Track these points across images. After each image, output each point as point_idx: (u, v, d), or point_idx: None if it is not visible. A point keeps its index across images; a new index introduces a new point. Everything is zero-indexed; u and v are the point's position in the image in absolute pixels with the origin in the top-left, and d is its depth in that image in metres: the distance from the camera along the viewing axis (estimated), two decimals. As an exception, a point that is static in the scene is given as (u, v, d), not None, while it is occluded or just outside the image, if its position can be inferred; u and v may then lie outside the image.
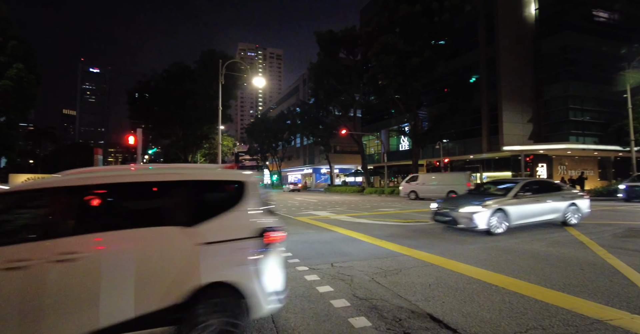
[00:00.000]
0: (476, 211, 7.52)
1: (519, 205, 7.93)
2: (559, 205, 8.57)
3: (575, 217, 8.85)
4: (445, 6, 24.48)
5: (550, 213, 8.44)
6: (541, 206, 8.31)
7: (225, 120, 28.90)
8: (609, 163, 33.80)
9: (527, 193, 8.26)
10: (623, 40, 32.21)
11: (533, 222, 8.23)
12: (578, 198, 8.99)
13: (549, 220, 8.49)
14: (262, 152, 63.95)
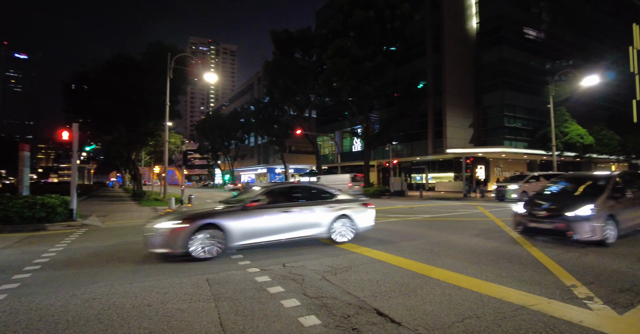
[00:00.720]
0: None
1: (238, 219, 5.82)
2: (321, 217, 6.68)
3: (348, 233, 6.99)
4: (396, 14, 25.56)
5: (305, 229, 6.49)
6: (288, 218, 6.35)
7: (173, 116, 27.42)
8: (536, 166, 37.62)
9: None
10: (548, 57, 36.15)
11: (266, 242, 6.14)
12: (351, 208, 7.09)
13: (303, 237, 6.53)
14: (213, 150, 61.78)
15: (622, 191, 6.87)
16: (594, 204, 6.22)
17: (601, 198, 6.43)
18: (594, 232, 6.00)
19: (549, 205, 6.91)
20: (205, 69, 18.85)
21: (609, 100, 42.14)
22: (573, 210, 6.26)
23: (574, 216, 6.19)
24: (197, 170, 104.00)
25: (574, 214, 6.21)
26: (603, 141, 31.70)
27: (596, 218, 6.05)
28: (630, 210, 6.88)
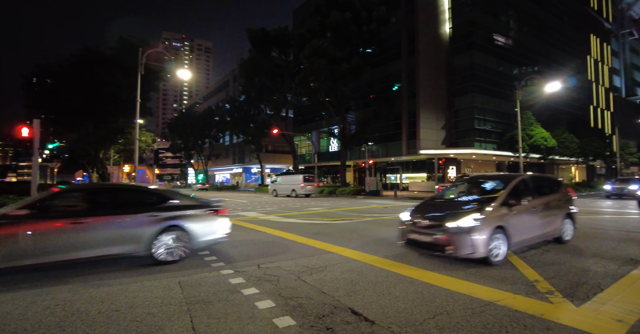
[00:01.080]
0: None
1: None
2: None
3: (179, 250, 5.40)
4: (373, 16, 25.92)
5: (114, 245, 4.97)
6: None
7: (144, 113, 26.47)
8: (504, 167, 39.31)
9: None
10: (515, 63, 37.86)
11: None
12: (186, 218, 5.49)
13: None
14: (186, 149, 60.13)
15: (518, 198, 5.58)
16: (480, 213, 5.03)
17: (491, 206, 5.21)
18: (475, 248, 4.81)
19: (434, 212, 5.60)
20: (178, 66, 18.38)
21: (569, 106, 44.69)
22: (455, 220, 5.02)
23: (456, 228, 4.94)
24: (169, 169, 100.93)
25: (455, 225, 4.96)
26: (564, 144, 33.61)
27: (479, 230, 4.86)
28: (525, 220, 5.70)
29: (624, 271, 4.74)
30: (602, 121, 52.51)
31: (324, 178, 46.78)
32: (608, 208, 14.84)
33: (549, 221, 6.24)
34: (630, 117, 55.04)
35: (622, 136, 43.96)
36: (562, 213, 6.63)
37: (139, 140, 17.97)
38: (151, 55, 19.09)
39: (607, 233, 7.99)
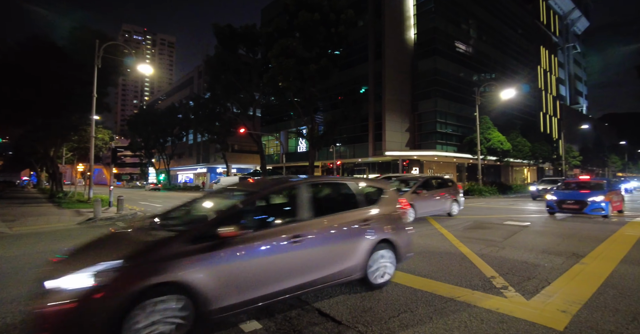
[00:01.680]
0: None
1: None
2: None
3: None
4: (341, 18, 26.21)
5: None
6: None
7: (101, 109, 24.89)
8: (463, 168, 41.31)
9: None
10: (475, 70, 39.91)
11: None
12: None
13: None
14: (147, 147, 57.44)
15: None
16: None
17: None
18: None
19: None
20: (139, 60, 17.45)
21: (523, 112, 47.88)
22: None
23: None
24: (128, 168, 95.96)
25: None
26: (518, 147, 35.90)
27: None
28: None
29: (567, 265, 5.15)
30: (550, 127, 56.79)
31: (291, 178, 46.56)
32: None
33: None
34: (573, 123, 59.97)
35: (567, 141, 47.76)
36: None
37: (95, 137, 16.93)
38: (109, 48, 18.04)
39: (554, 231, 8.65)
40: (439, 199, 11.33)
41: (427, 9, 35.25)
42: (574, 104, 78.19)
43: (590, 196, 10.72)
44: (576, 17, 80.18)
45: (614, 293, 3.91)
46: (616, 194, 11.97)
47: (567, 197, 11.27)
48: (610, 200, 10.79)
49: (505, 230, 8.77)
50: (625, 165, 74.70)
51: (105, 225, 10.59)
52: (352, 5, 30.81)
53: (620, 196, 12.43)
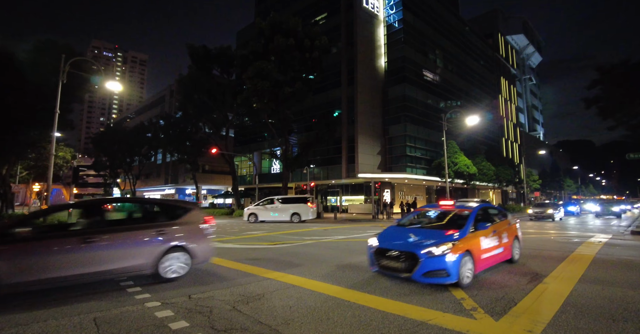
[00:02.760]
0: None
1: None
2: None
3: None
4: (315, 44, 27.08)
5: None
6: None
7: (64, 126, 23.72)
8: (433, 191, 42.49)
9: None
10: (442, 97, 42.09)
11: None
12: None
13: None
14: (112, 167, 54.82)
15: None
16: None
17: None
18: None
19: None
20: (108, 77, 16.99)
21: (486, 137, 50.62)
22: None
23: None
24: (90, 189, 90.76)
25: None
26: (483, 171, 37.62)
27: None
28: None
29: (532, 285, 5.33)
30: (512, 152, 60.21)
31: (264, 200, 45.86)
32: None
33: None
34: (532, 149, 63.99)
35: (527, 165, 50.72)
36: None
37: (55, 155, 16.01)
38: (76, 64, 17.49)
39: (522, 251, 8.97)
40: None
41: (397, 39, 37.26)
42: (532, 131, 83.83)
43: (425, 245, 5.18)
44: (530, 52, 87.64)
45: (575, 312, 4.06)
46: (505, 230, 6.67)
47: (394, 245, 5.62)
48: (474, 248, 5.44)
49: (473, 251, 8.97)
50: (579, 188, 79.99)
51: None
52: (326, 32, 32.06)
53: (511, 232, 6.96)
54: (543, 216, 23.84)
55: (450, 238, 5.28)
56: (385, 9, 38.88)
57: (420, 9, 40.10)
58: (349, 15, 35.96)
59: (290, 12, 35.23)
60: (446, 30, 45.00)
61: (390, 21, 38.19)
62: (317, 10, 39.66)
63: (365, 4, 36.27)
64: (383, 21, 38.72)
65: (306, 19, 36.41)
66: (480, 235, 5.71)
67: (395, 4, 37.82)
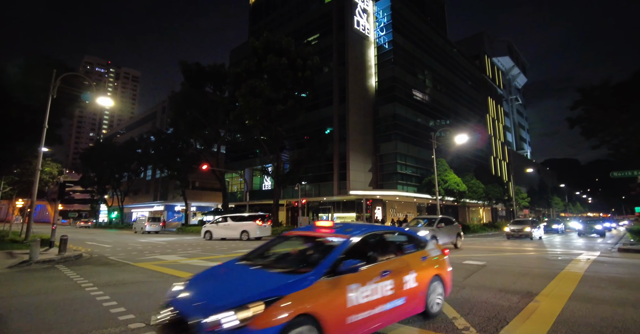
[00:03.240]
0: None
1: None
2: None
3: None
4: (307, 64, 27.67)
5: None
6: None
7: (52, 141, 23.35)
8: (424, 208, 42.61)
9: None
10: (431, 116, 42.95)
11: None
12: None
13: None
14: (100, 183, 53.95)
15: None
16: None
17: None
18: None
19: None
20: (100, 93, 16.97)
21: (475, 155, 51.47)
22: None
23: None
24: (76, 205, 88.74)
25: None
26: (473, 188, 38.00)
27: None
28: None
29: (523, 303, 5.31)
30: (501, 170, 61.18)
31: (254, 217, 45.32)
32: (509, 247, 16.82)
33: None
34: (520, 167, 65.19)
35: (516, 183, 51.48)
36: None
37: (41, 171, 15.70)
38: (68, 79, 17.47)
39: (509, 269, 8.98)
40: None
41: (387, 59, 38.30)
42: (519, 150, 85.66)
43: (217, 307, 2.79)
44: (516, 74, 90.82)
45: (566, 330, 4.05)
46: (412, 269, 4.32)
47: (192, 301, 3.14)
48: (325, 308, 3.08)
49: (465, 269, 8.96)
50: (567, 206, 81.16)
51: (42, 268, 9.48)
52: (319, 52, 32.81)
53: (425, 271, 4.56)
54: (520, 235, 22.12)
55: (277, 290, 2.95)
56: (375, 31, 40.14)
57: (410, 31, 41.52)
58: (340, 37, 36.98)
59: (284, 32, 36.06)
60: (435, 51, 46.51)
61: (381, 42, 39.37)
62: (309, 31, 40.73)
63: (356, 25, 37.43)
64: (373, 42, 39.89)
65: (299, 39, 37.32)
66: (346, 282, 3.34)
67: (385, 26, 39.12)
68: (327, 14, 38.84)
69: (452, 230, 15.48)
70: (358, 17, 37.90)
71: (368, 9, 39.76)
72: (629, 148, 25.92)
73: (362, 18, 38.57)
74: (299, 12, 45.67)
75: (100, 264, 10.49)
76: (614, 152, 28.66)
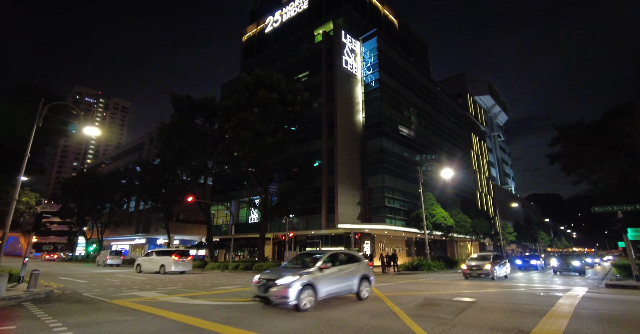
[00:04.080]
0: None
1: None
2: None
3: None
4: (297, 99, 28.46)
5: None
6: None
7: (32, 170, 22.83)
8: (412, 243, 42.21)
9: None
10: (417, 151, 43.99)
11: None
12: None
13: None
14: (80, 214, 52.07)
15: None
16: None
17: None
18: None
19: None
20: (87, 122, 16.89)
21: (462, 190, 52.21)
22: None
23: None
24: (52, 237, 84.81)
25: None
26: (460, 223, 38.14)
27: None
28: None
29: (516, 344, 5.13)
30: (487, 204, 61.92)
31: (240, 252, 43.97)
32: (494, 285, 16.58)
33: None
34: (505, 201, 66.14)
35: (502, 217, 51.95)
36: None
37: (18, 201, 15.11)
38: (55, 108, 17.44)
39: (500, 306, 8.79)
40: None
41: (374, 96, 39.83)
42: (504, 185, 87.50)
43: None
44: (497, 111, 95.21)
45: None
46: None
47: None
48: None
49: (455, 306, 8.74)
50: (553, 241, 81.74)
51: (7, 306, 8.81)
52: (308, 88, 33.98)
53: None
54: (479, 274, 18.18)
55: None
56: (362, 70, 42.07)
57: (395, 70, 43.68)
58: (329, 74, 38.55)
59: (275, 69, 37.41)
60: (419, 89, 48.71)
61: (368, 81, 41.14)
62: (299, 69, 42.41)
63: (344, 64, 39.24)
64: (361, 80, 41.65)
65: (289, 76, 38.73)
66: None
67: (372, 65, 41.12)
68: (317, 53, 40.73)
69: (352, 272, 9.66)
70: (346, 56, 39.85)
71: (355, 49, 41.95)
72: (607, 183, 26.84)
73: (350, 57, 40.56)
74: (289, 50, 47.83)
75: (72, 301, 9.82)
76: (593, 188, 29.52)
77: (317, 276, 8.44)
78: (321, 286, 8.41)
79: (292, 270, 8.66)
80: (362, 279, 9.86)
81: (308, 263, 9.30)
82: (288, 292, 7.63)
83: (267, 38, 54.55)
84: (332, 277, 8.88)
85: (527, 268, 29.35)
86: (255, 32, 57.70)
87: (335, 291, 8.95)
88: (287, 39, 51.11)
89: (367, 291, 10.04)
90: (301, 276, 8.05)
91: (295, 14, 50.90)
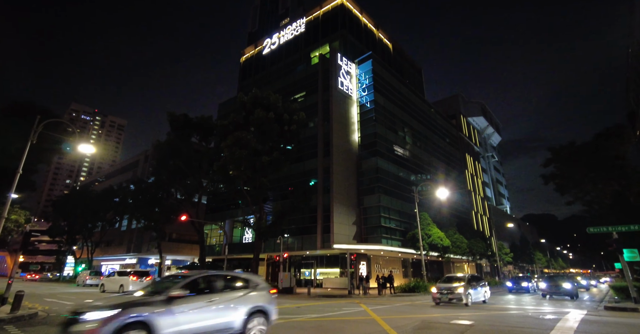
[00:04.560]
0: None
1: None
2: None
3: None
4: (293, 119, 28.74)
5: None
6: None
7: (24, 187, 22.51)
8: (409, 264, 41.59)
9: None
10: (412, 171, 44.23)
11: None
12: None
13: None
14: (70, 232, 50.96)
15: None
16: None
17: None
18: None
19: None
20: (83, 140, 16.85)
21: (457, 210, 52.12)
22: None
23: None
24: (40, 256, 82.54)
25: None
26: (456, 243, 37.82)
27: None
28: None
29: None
30: (483, 224, 61.69)
31: (232, 271, 42.88)
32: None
33: None
34: (501, 222, 66.06)
35: (498, 238, 51.68)
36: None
37: (7, 218, 14.79)
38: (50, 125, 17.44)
39: (499, 329, 8.57)
40: None
41: (369, 117, 40.40)
42: (499, 205, 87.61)
43: None
44: (491, 132, 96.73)
45: None
46: None
47: None
48: None
49: (453, 329, 8.52)
50: (549, 262, 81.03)
51: (-14, 330, 8.43)
52: (304, 108, 34.40)
53: None
54: (451, 299, 15.64)
55: None
56: (358, 91, 42.89)
57: (390, 91, 44.57)
58: (325, 95, 39.21)
59: (272, 89, 38.00)
60: (413, 111, 49.57)
61: (363, 102, 41.86)
62: (296, 89, 43.15)
63: (340, 86, 40.01)
64: (356, 101, 42.37)
65: (286, 96, 39.31)
66: None
67: (367, 87, 41.97)
68: (313, 75, 41.59)
69: (234, 303, 7.09)
70: (342, 78, 40.71)
71: (351, 71, 42.94)
72: (601, 204, 27.00)
73: (346, 79, 41.44)
74: (286, 71, 48.83)
75: (57, 324, 9.43)
76: (587, 208, 29.64)
77: (159, 310, 5.75)
78: (166, 324, 5.73)
79: (127, 298, 6.13)
80: (253, 314, 7.22)
81: (165, 289, 6.36)
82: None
83: (264, 59, 55.76)
84: (192, 310, 6.25)
85: (518, 291, 28.00)
86: (253, 53, 59.05)
87: (197, 332, 6.21)
88: (284, 60, 52.27)
89: (259, 330, 7.27)
90: (124, 310, 5.40)
91: (293, 37, 52.32)
